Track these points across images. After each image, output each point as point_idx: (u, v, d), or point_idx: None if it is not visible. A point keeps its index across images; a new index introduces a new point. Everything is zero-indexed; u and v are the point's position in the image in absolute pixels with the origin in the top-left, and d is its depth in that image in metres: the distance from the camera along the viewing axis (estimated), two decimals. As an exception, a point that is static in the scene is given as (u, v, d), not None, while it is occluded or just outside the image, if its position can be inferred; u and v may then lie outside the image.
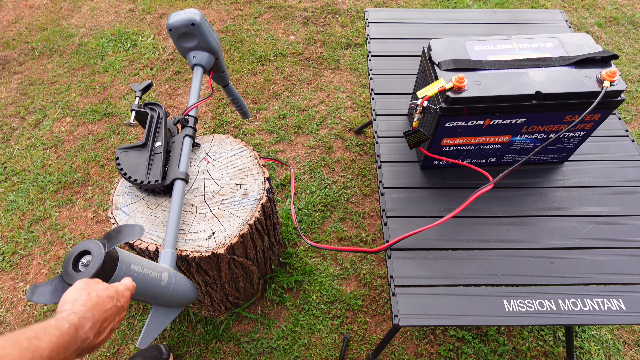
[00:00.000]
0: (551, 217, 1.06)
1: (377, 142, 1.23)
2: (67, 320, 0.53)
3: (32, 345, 0.46)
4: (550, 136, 1.04)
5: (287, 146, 1.97)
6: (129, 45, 2.48)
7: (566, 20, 1.55)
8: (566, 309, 0.89)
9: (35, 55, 2.47)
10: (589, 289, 0.92)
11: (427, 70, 1.04)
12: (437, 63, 0.99)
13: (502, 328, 1.43)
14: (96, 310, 0.58)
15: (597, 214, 1.06)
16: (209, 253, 1.02)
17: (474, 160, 1.14)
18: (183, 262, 1.06)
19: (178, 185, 1.04)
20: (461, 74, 0.92)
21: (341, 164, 1.90)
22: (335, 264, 1.60)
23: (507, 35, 1.05)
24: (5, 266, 1.63)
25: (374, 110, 1.31)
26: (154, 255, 1.05)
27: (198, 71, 1.22)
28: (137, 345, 0.83)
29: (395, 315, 0.89)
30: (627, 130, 1.24)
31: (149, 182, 1.05)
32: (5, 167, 1.93)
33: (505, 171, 0.94)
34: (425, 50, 1.05)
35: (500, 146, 1.08)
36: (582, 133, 1.06)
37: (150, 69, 2.35)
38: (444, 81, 0.94)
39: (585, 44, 1.01)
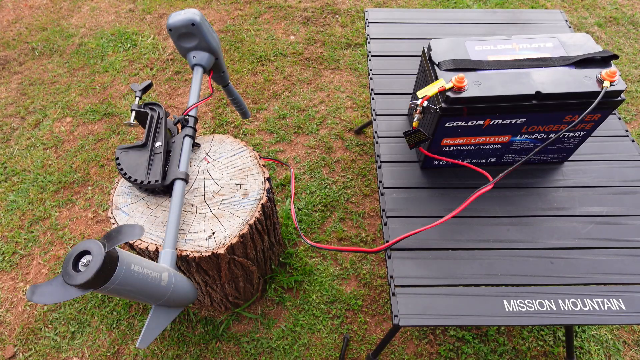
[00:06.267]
0: (551, 217, 1.06)
1: (377, 142, 1.23)
2: None
3: None
4: (550, 136, 1.04)
5: (287, 146, 1.97)
6: (129, 45, 2.48)
7: (566, 20, 1.55)
8: (566, 309, 0.89)
9: (35, 55, 2.47)
10: (589, 289, 0.92)
11: (427, 70, 1.04)
12: (437, 63, 0.99)
13: (502, 328, 1.43)
14: None
15: (597, 214, 1.06)
16: (209, 253, 1.02)
17: (474, 160, 1.14)
18: (183, 262, 1.06)
19: (178, 185, 1.04)
20: (461, 74, 0.92)
21: (341, 164, 1.90)
22: (335, 264, 1.60)
23: (507, 35, 1.05)
24: (5, 266, 1.63)
25: (374, 110, 1.31)
26: (154, 255, 1.05)
27: (198, 71, 1.22)
28: (137, 345, 0.83)
29: (395, 315, 0.89)
30: (627, 130, 1.24)
31: (149, 182, 1.05)
32: (5, 167, 1.93)
33: (505, 171, 0.94)
34: (425, 50, 1.05)
35: (500, 146, 1.08)
36: (582, 133, 1.06)
37: (150, 69, 2.35)
38: (444, 81, 0.94)
39: (585, 44, 1.01)
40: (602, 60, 0.97)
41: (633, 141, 1.21)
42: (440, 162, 1.13)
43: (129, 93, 2.23)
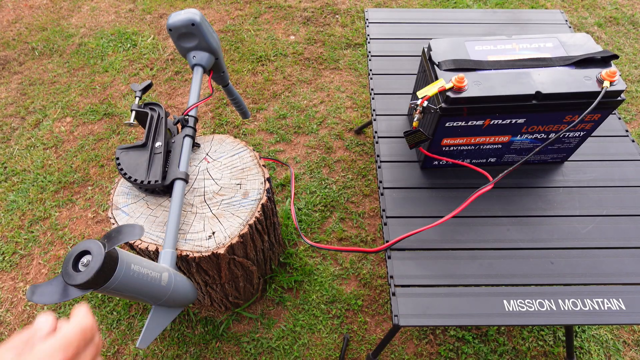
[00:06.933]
0: (551, 217, 1.06)
1: (377, 142, 1.23)
2: None
3: None
4: (550, 136, 1.04)
5: (287, 146, 1.97)
6: (129, 45, 2.48)
7: (566, 20, 1.55)
8: (566, 309, 0.89)
9: (35, 55, 2.47)
10: (589, 289, 0.92)
11: (427, 70, 1.04)
12: (437, 63, 0.99)
13: (502, 328, 1.43)
14: None
15: (597, 214, 1.06)
16: (209, 253, 1.02)
17: (474, 160, 1.14)
18: (183, 262, 1.06)
19: (178, 185, 1.04)
20: (461, 74, 0.92)
21: (341, 164, 1.90)
22: (335, 264, 1.60)
23: (507, 35, 1.05)
24: (5, 266, 1.63)
25: (374, 110, 1.31)
26: (154, 255, 1.05)
27: (198, 71, 1.22)
28: (137, 345, 0.83)
29: (395, 315, 0.89)
30: (627, 130, 1.24)
31: (149, 182, 1.05)
32: (5, 167, 1.93)
33: (505, 171, 0.94)
34: (425, 50, 1.05)
35: (500, 146, 1.08)
36: (582, 133, 1.06)
37: (150, 69, 2.35)
38: (444, 81, 0.94)
39: (585, 44, 1.01)
40: (602, 60, 0.97)
41: (633, 141, 1.21)
42: (440, 162, 1.13)
43: (129, 93, 2.23)
